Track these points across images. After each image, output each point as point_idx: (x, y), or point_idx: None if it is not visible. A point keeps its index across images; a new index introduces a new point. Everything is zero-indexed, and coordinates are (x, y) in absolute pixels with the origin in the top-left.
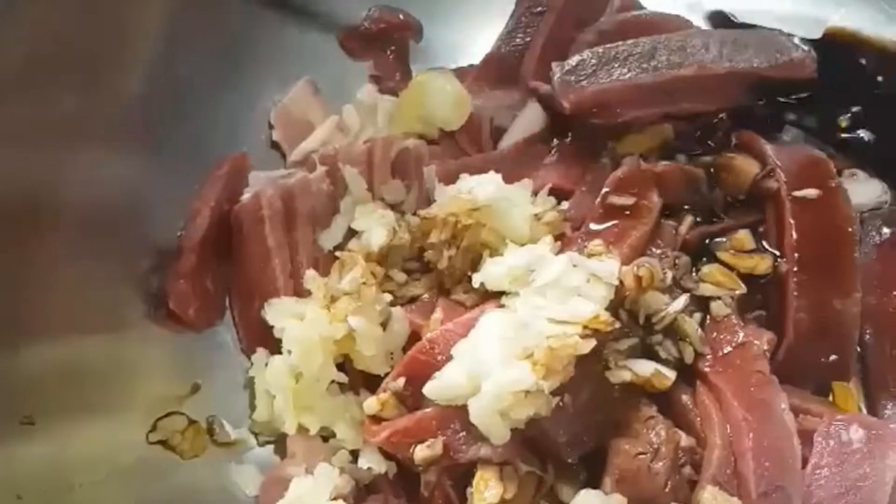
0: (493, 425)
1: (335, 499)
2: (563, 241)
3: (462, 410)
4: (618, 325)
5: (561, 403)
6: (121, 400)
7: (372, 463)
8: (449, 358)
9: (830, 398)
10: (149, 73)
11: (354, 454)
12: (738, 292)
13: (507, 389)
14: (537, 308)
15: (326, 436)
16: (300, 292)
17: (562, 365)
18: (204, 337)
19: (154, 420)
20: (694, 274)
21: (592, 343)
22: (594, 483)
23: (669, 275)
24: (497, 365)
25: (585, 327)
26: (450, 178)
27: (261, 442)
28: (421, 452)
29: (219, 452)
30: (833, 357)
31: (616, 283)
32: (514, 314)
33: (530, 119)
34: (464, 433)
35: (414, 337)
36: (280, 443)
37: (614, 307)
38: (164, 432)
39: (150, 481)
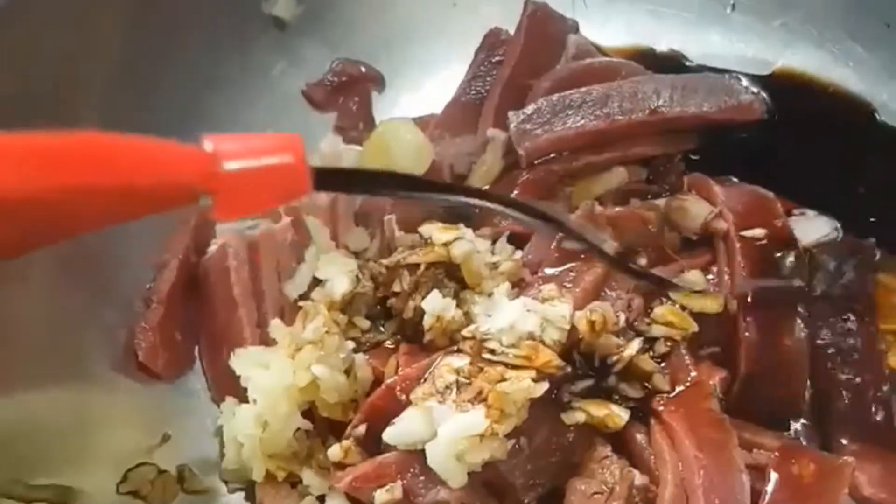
0: (450, 469)
1: None
2: (520, 287)
3: (421, 455)
4: (569, 368)
5: (517, 446)
6: (89, 452)
7: None
8: (407, 403)
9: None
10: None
11: (322, 500)
12: (690, 331)
13: (462, 434)
14: (492, 353)
15: (295, 482)
16: (267, 341)
17: (515, 408)
18: (174, 386)
19: (124, 471)
20: (647, 317)
21: (545, 386)
22: None
23: (623, 317)
24: (452, 409)
25: (539, 371)
26: (410, 227)
27: (231, 489)
28: (381, 497)
29: (190, 500)
30: (785, 392)
31: (568, 327)
32: (468, 359)
33: (489, 166)
34: (423, 477)
35: (378, 383)
36: (251, 490)
37: (568, 350)
38: (134, 483)
39: None
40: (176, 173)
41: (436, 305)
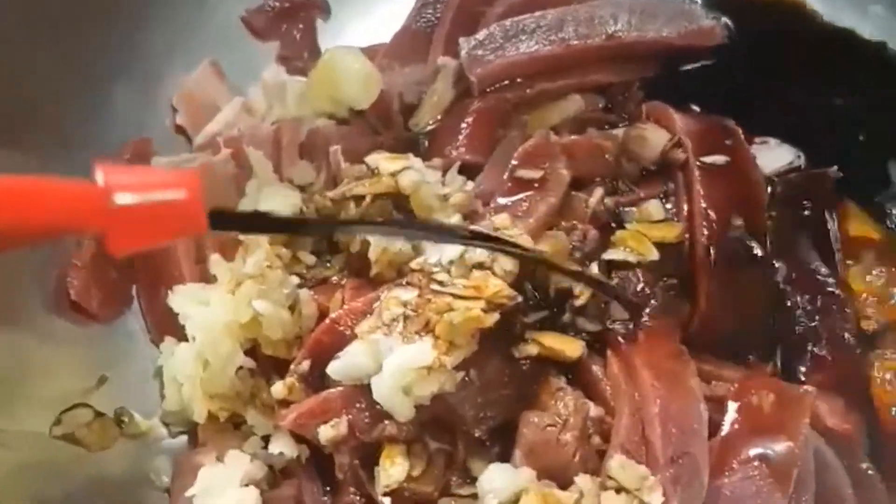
0: (396, 403)
1: (247, 485)
2: (472, 219)
3: (367, 389)
4: (520, 298)
5: (466, 379)
6: (20, 396)
7: (283, 448)
8: (353, 337)
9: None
10: (44, 71)
11: (267, 440)
12: (649, 257)
13: (409, 366)
14: (441, 284)
15: (238, 423)
16: (207, 278)
17: (464, 339)
18: (112, 327)
19: (58, 414)
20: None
21: (495, 317)
22: (506, 457)
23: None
24: (398, 342)
25: (489, 302)
26: (357, 158)
27: (173, 432)
28: (326, 433)
29: (130, 444)
30: (745, 324)
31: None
32: (413, 290)
33: (440, 95)
34: (369, 412)
35: (323, 319)
36: (194, 432)
37: (520, 281)
38: (68, 426)
39: (51, 477)
40: (67, 213)
41: None
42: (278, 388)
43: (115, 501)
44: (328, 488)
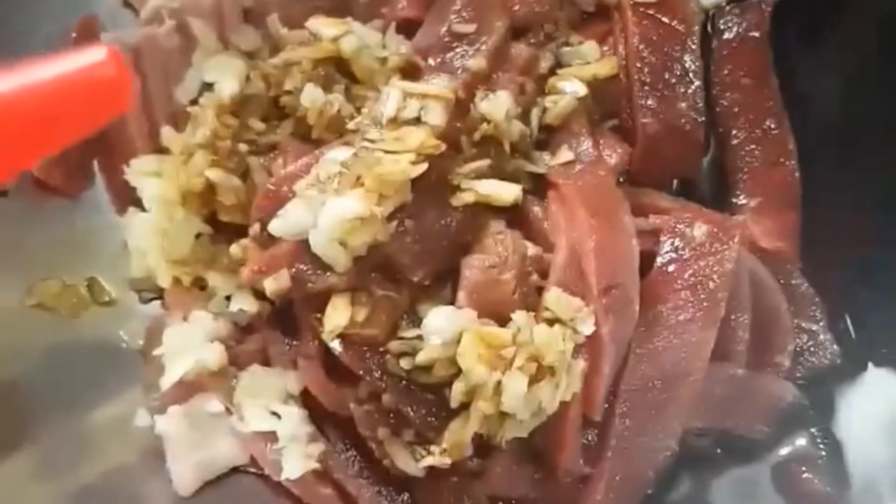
0: (333, 254)
1: (212, 341)
2: (413, 75)
3: (307, 244)
4: (444, 147)
5: (402, 228)
6: None
7: (244, 304)
8: (293, 196)
9: None
10: None
11: (230, 299)
12: (581, 93)
13: (341, 217)
14: (372, 142)
15: (203, 285)
16: (162, 150)
17: (393, 189)
18: (81, 201)
19: (29, 286)
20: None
21: (423, 167)
22: (454, 302)
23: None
24: (332, 196)
25: (418, 154)
26: (298, 24)
27: (144, 298)
28: (270, 285)
29: (102, 312)
30: (683, 155)
31: (450, 97)
32: (351, 149)
33: None
34: (311, 264)
35: None
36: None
37: (455, 133)
38: (39, 296)
39: (28, 345)
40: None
41: (314, 98)
42: (235, 250)
43: (92, 364)
44: (291, 340)
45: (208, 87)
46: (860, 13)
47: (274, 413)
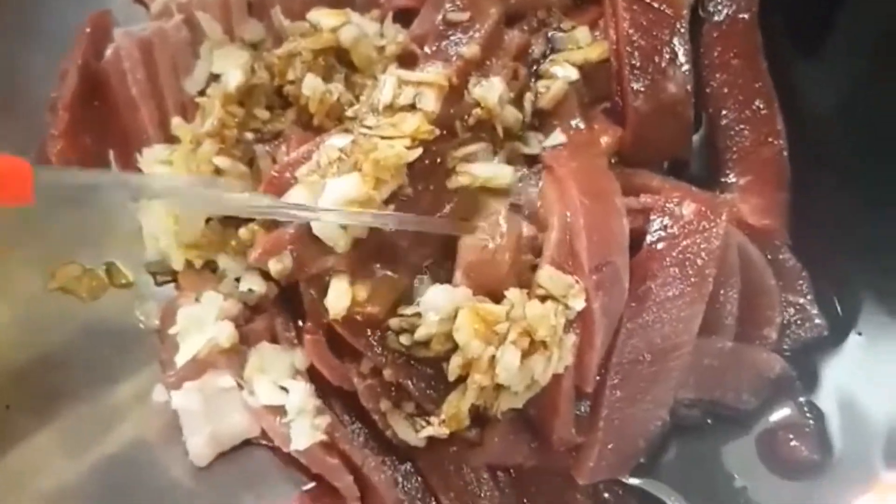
0: (334, 236)
1: (224, 320)
2: (411, 63)
3: (310, 227)
4: (438, 132)
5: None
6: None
7: (253, 285)
8: (295, 182)
9: None
10: None
11: (239, 280)
12: (573, 77)
13: (341, 200)
14: (369, 128)
15: (215, 268)
16: (172, 140)
17: (389, 174)
18: None
19: (52, 270)
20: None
21: (418, 152)
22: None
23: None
24: (332, 181)
25: (413, 139)
26: (300, 15)
27: (159, 281)
28: (274, 266)
29: (121, 293)
30: (673, 136)
31: (444, 83)
32: (350, 136)
33: None
34: (312, 246)
35: None
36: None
37: (450, 119)
38: (61, 280)
39: (51, 326)
40: None
41: (314, 87)
42: (243, 233)
43: (111, 344)
44: (297, 319)
45: (215, 78)
46: None
47: (282, 388)
